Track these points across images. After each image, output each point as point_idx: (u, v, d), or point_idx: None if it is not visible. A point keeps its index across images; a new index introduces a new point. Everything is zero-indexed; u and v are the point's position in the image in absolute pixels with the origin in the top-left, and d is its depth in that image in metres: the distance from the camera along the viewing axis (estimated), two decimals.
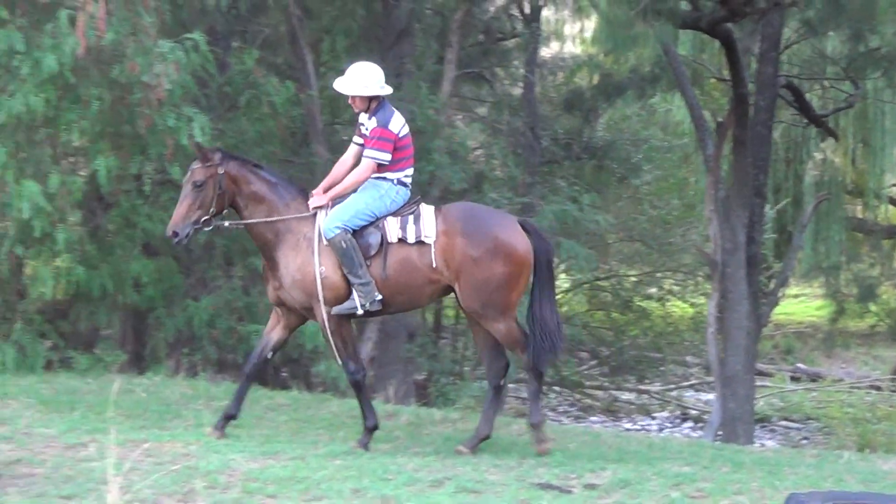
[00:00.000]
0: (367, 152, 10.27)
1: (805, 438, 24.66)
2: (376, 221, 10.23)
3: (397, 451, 10.27)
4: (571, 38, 28.59)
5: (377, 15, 20.10)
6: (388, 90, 10.36)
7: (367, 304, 10.17)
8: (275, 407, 12.41)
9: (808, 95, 23.01)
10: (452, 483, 8.95)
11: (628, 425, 25.01)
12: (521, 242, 10.42)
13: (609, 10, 18.63)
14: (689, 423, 25.57)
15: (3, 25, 13.75)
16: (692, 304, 27.63)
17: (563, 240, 19.49)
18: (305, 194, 10.46)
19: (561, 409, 26.50)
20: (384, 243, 10.19)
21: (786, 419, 26.53)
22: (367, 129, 10.36)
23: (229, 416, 10.46)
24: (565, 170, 23.29)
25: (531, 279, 10.57)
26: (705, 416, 23.32)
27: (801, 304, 36.83)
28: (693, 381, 28.90)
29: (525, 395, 14.01)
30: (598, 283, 27.63)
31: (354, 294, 10.14)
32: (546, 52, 25.72)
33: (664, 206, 27.05)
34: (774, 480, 9.59)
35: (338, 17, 19.75)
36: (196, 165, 10.23)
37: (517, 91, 23.92)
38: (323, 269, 10.14)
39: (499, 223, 10.57)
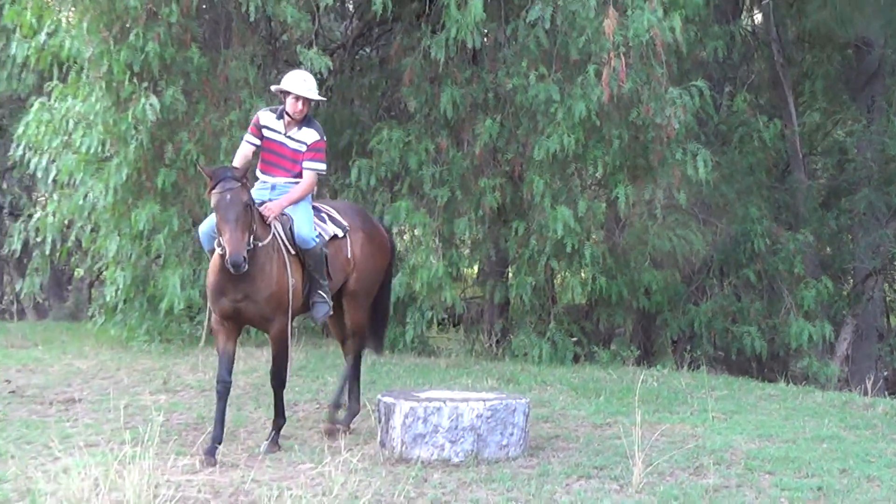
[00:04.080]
0: (310, 164, 9.17)
1: None
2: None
3: (877, 437, 9.92)
4: None
5: (850, 59, 19.76)
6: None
7: (331, 302, 9.33)
8: (766, 397, 12.27)
9: None
10: None
11: None
12: (389, 239, 10.29)
13: None
14: None
15: (543, 80, 14.51)
16: None
17: None
18: None
19: None
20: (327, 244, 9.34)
21: None
22: (294, 139, 9.23)
23: (217, 441, 8.61)
24: None
25: None
26: None
27: None
28: None
29: None
30: None
31: (325, 296, 9.20)
32: None
33: None
34: None
35: (816, 62, 19.43)
36: (234, 185, 8.34)
37: None
38: (294, 279, 8.85)
39: (376, 220, 10.28)
